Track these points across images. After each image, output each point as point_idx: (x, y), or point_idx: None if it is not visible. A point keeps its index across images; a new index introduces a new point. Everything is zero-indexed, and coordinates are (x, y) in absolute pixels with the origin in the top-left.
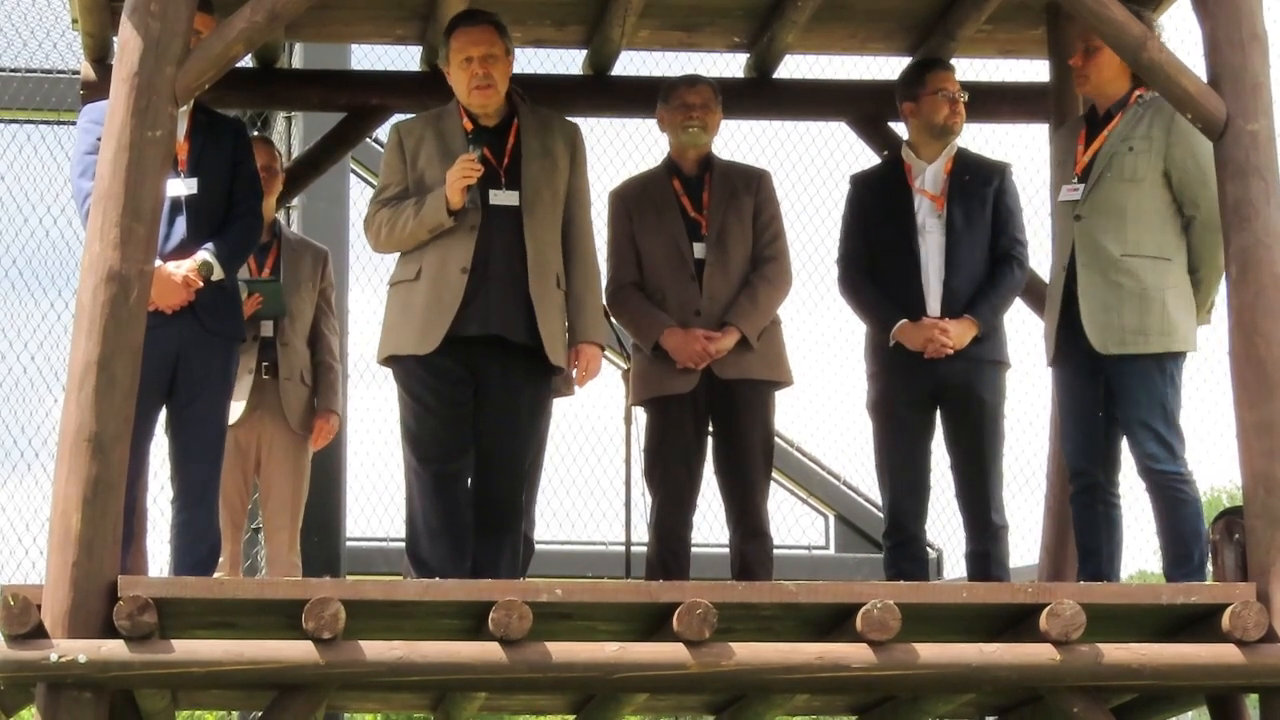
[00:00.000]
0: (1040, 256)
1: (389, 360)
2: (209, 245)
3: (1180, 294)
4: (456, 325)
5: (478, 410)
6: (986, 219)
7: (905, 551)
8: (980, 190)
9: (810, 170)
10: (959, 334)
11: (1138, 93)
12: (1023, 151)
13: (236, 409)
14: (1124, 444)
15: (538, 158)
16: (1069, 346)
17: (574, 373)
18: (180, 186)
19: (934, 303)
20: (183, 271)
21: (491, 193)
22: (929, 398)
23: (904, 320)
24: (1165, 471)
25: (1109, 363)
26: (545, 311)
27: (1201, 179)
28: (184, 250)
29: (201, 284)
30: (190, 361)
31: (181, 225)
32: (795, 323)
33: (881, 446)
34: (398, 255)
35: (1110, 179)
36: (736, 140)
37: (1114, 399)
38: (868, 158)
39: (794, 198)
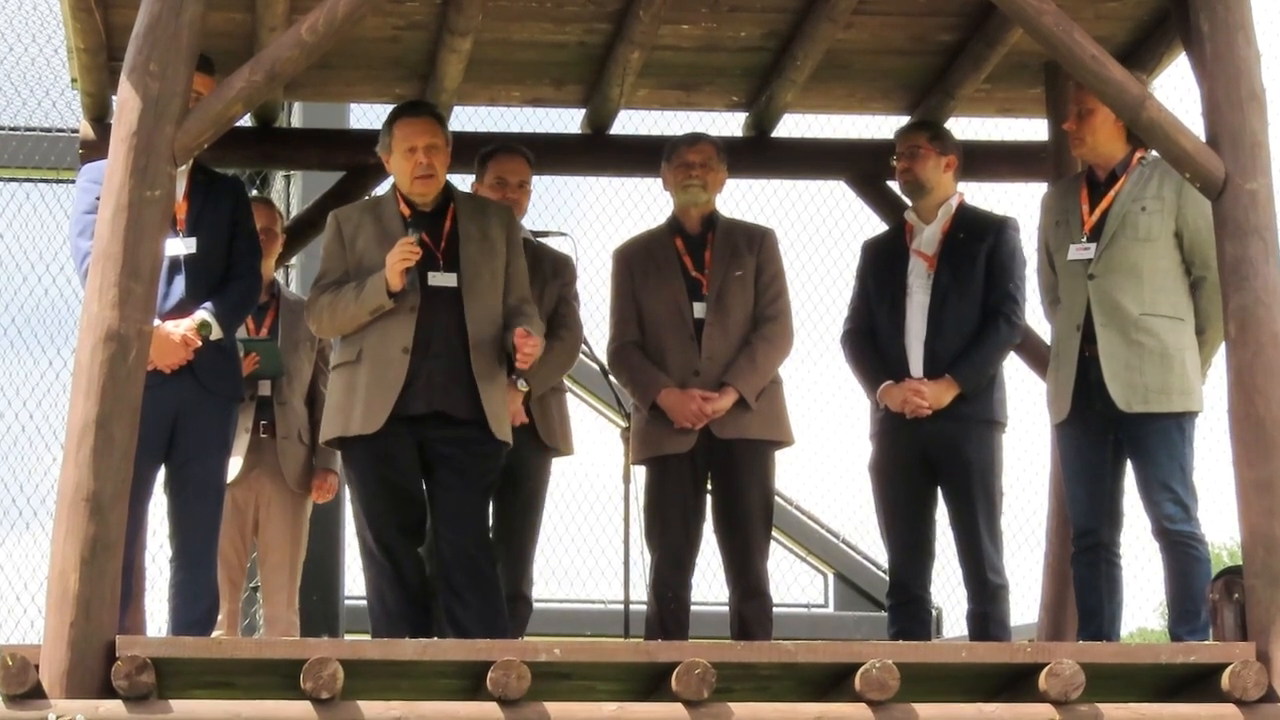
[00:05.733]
0: (1026, 312)
1: (335, 442)
2: (208, 305)
3: (1193, 354)
4: (400, 404)
5: (431, 481)
6: (978, 276)
7: (907, 611)
8: (973, 248)
9: (811, 229)
10: (935, 394)
11: (1139, 154)
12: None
13: (234, 468)
14: (1126, 503)
15: (475, 241)
16: (1080, 405)
17: (517, 356)
18: (179, 246)
19: (916, 364)
20: (181, 331)
21: (430, 274)
22: (920, 459)
23: (888, 382)
24: (1181, 531)
25: (1127, 421)
26: (488, 389)
27: (1212, 240)
28: (183, 310)
29: (200, 343)
30: (189, 421)
31: (180, 284)
32: (796, 380)
33: (880, 508)
34: (339, 340)
35: (1124, 238)
36: (736, 199)
37: (1125, 458)
38: (867, 217)
39: (793, 255)
